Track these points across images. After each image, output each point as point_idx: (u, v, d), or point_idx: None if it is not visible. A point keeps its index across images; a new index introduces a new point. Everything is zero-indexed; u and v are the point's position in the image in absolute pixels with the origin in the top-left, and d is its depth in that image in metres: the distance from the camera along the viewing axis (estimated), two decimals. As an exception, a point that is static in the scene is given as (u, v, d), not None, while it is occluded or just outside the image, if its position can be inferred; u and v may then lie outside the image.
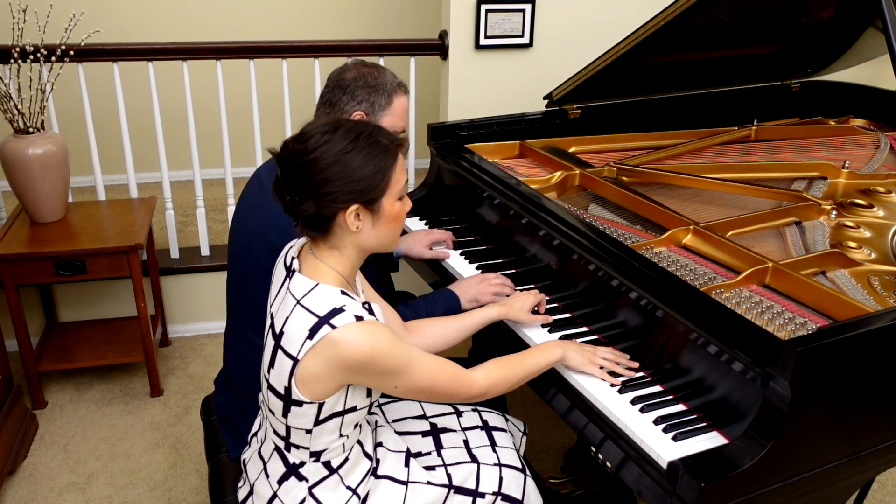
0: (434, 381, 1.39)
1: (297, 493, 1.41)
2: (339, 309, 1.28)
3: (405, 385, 1.36)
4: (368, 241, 1.36)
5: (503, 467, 1.57)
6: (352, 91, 1.71)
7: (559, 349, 1.54)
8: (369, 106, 1.72)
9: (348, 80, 1.72)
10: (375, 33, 4.36)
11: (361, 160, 1.28)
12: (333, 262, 1.35)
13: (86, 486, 2.34)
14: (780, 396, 1.24)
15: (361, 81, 1.72)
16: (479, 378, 1.45)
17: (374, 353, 1.28)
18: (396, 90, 1.75)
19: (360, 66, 1.75)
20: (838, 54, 2.68)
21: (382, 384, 1.35)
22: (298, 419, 1.35)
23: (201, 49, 2.89)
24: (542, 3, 2.98)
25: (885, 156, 2.36)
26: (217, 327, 3.18)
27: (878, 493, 2.37)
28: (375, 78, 1.73)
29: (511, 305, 1.70)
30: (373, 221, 1.33)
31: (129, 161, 3.00)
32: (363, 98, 1.71)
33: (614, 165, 2.21)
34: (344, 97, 1.71)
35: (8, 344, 2.65)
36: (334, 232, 1.33)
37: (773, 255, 1.70)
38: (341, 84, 1.72)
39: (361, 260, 1.40)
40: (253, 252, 1.65)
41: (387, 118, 1.74)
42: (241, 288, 1.71)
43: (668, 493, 1.28)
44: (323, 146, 1.27)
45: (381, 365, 1.30)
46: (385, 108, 1.74)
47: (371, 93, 1.72)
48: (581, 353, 1.54)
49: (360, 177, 1.28)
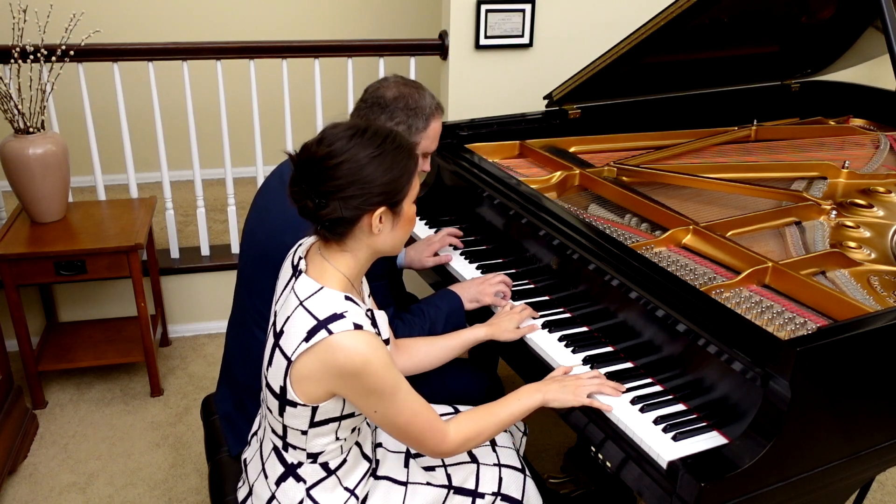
0: (412, 420, 1.34)
1: (294, 495, 1.41)
2: (339, 315, 1.27)
3: (384, 412, 1.32)
4: (384, 244, 1.36)
5: (503, 467, 1.57)
6: (391, 111, 1.68)
7: (538, 393, 1.48)
8: (406, 128, 1.69)
9: (388, 98, 1.68)
10: (375, 33, 4.36)
11: (390, 163, 1.29)
12: (341, 265, 1.35)
13: (86, 485, 2.35)
14: (780, 396, 1.24)
15: (402, 103, 1.68)
16: (450, 433, 1.39)
17: (365, 366, 1.26)
18: (435, 113, 1.72)
19: (401, 84, 1.71)
20: (838, 54, 2.68)
21: (365, 404, 1.31)
22: (294, 419, 1.35)
23: (201, 49, 2.89)
24: (542, 3, 2.98)
25: (885, 156, 2.36)
26: (217, 327, 3.18)
27: (878, 493, 2.37)
28: (416, 101, 1.70)
29: (498, 326, 1.70)
30: (393, 224, 1.34)
31: (129, 161, 3.00)
32: (401, 120, 1.68)
33: (614, 165, 2.21)
34: (382, 116, 1.68)
35: (8, 344, 2.65)
36: (353, 234, 1.33)
37: (773, 255, 1.70)
38: (380, 102, 1.68)
39: (370, 262, 1.40)
40: (269, 250, 1.63)
41: (423, 141, 1.72)
42: (253, 284, 1.69)
43: (668, 493, 1.28)
44: (351, 150, 1.28)
45: (369, 381, 1.27)
46: (422, 130, 1.71)
47: (410, 115, 1.68)
48: (563, 391, 1.48)
49: (388, 180, 1.29)
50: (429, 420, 1.36)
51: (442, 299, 1.81)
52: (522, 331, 1.69)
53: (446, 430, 1.39)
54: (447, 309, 1.79)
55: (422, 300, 1.85)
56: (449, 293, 1.82)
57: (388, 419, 1.33)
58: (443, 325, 1.77)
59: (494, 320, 1.73)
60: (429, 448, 1.39)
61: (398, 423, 1.34)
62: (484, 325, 1.72)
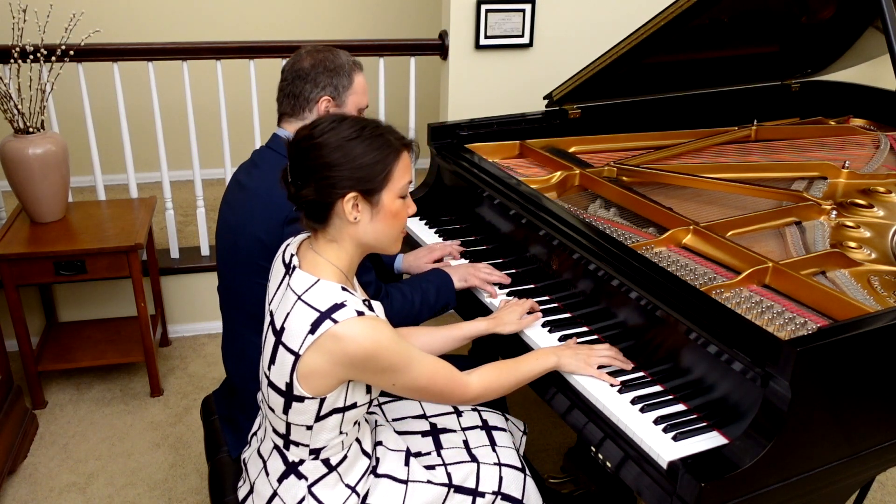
0: (431, 381, 1.40)
1: (296, 492, 1.41)
2: (340, 304, 1.28)
3: (403, 383, 1.37)
4: (366, 236, 1.37)
5: (503, 467, 1.57)
6: (313, 78, 1.70)
7: (553, 356, 1.54)
8: (333, 89, 1.72)
9: (307, 68, 1.71)
10: (375, 33, 4.36)
11: (364, 149, 1.31)
12: (332, 257, 1.36)
13: (86, 486, 2.34)
14: (780, 396, 1.24)
15: (321, 67, 1.71)
16: (473, 381, 1.47)
17: (376, 349, 1.29)
18: (354, 68, 1.76)
19: (314, 52, 1.74)
20: (838, 54, 2.68)
21: (381, 381, 1.36)
22: (299, 415, 1.35)
23: (201, 49, 2.89)
24: (542, 3, 2.98)
25: (885, 156, 2.36)
26: (217, 327, 3.18)
27: (878, 493, 2.37)
28: (332, 61, 1.72)
29: (499, 319, 1.70)
30: (371, 214, 1.35)
31: (129, 161, 3.00)
32: (326, 83, 1.71)
33: (614, 165, 2.21)
34: (307, 86, 1.70)
35: (8, 344, 2.65)
36: (333, 222, 1.35)
37: (773, 255, 1.70)
38: (300, 74, 1.71)
39: (360, 256, 1.42)
40: (240, 249, 1.65)
41: (351, 97, 1.75)
42: (234, 288, 1.71)
43: (668, 493, 1.28)
44: (328, 133, 1.31)
45: (382, 361, 1.31)
46: (348, 88, 1.74)
47: (332, 76, 1.71)
48: (576, 357, 1.53)
49: (360, 164, 1.30)
50: (447, 376, 1.43)
51: (431, 273, 1.87)
52: (524, 322, 1.70)
53: (468, 381, 1.46)
54: (437, 281, 1.84)
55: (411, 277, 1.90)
56: (437, 269, 1.89)
57: (408, 386, 1.38)
58: (434, 295, 1.82)
59: (496, 314, 1.73)
60: (454, 399, 1.47)
61: (419, 387, 1.40)
62: (486, 318, 1.72)
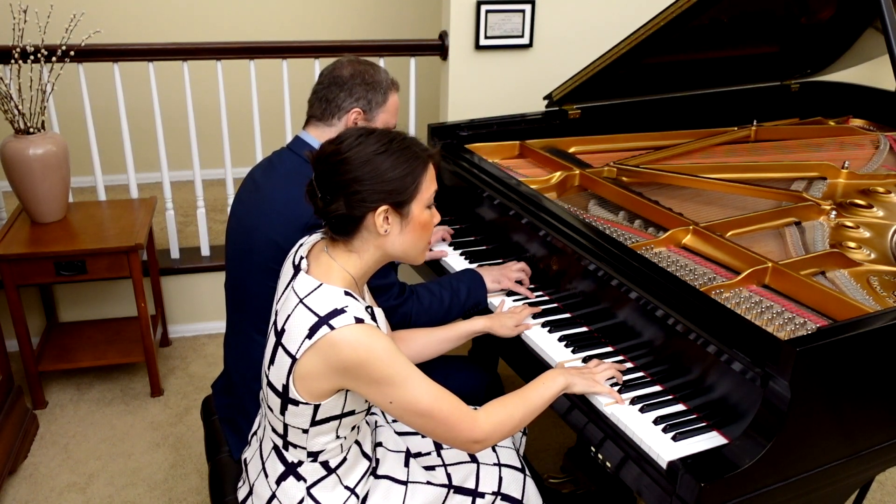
0: (433, 406, 1.30)
1: (295, 493, 1.41)
2: (340, 310, 1.28)
3: (401, 401, 1.29)
4: (394, 247, 1.36)
5: (503, 467, 1.57)
6: (349, 88, 1.71)
7: (562, 378, 1.48)
8: (366, 103, 1.73)
9: (345, 76, 1.72)
10: (375, 33, 4.36)
11: (392, 162, 1.30)
12: (348, 264, 1.36)
13: (86, 486, 2.35)
14: (780, 396, 1.24)
15: (359, 79, 1.72)
16: (481, 417, 1.36)
17: (369, 356, 1.26)
18: (391, 87, 1.77)
19: (356, 63, 1.75)
20: (838, 54, 2.69)
21: (377, 394, 1.29)
22: (295, 418, 1.35)
23: (201, 49, 2.89)
24: (542, 4, 2.98)
25: (885, 156, 2.36)
26: (217, 327, 3.18)
27: (878, 493, 2.37)
28: (372, 76, 1.73)
29: (498, 319, 1.71)
30: (401, 226, 1.35)
31: (129, 161, 3.00)
32: (360, 95, 1.72)
33: (614, 166, 2.21)
34: (341, 94, 1.71)
35: (8, 344, 2.65)
36: (360, 234, 1.34)
37: (772, 256, 1.70)
38: (338, 81, 1.72)
39: (378, 265, 1.40)
40: (255, 251, 1.65)
41: (382, 115, 1.75)
42: (243, 287, 1.71)
43: (667, 493, 1.28)
44: (356, 147, 1.30)
45: (375, 371, 1.27)
46: (381, 105, 1.75)
47: (368, 90, 1.72)
48: (582, 376, 1.49)
49: (390, 178, 1.30)
50: (453, 405, 1.32)
51: (463, 272, 1.85)
52: (521, 328, 1.70)
53: (476, 416, 1.35)
54: (468, 280, 1.82)
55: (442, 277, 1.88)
56: (468, 269, 1.86)
57: (408, 407, 1.30)
58: (466, 293, 1.81)
59: (495, 315, 1.73)
60: (461, 435, 1.33)
61: (419, 410, 1.30)
62: (483, 317, 1.72)
